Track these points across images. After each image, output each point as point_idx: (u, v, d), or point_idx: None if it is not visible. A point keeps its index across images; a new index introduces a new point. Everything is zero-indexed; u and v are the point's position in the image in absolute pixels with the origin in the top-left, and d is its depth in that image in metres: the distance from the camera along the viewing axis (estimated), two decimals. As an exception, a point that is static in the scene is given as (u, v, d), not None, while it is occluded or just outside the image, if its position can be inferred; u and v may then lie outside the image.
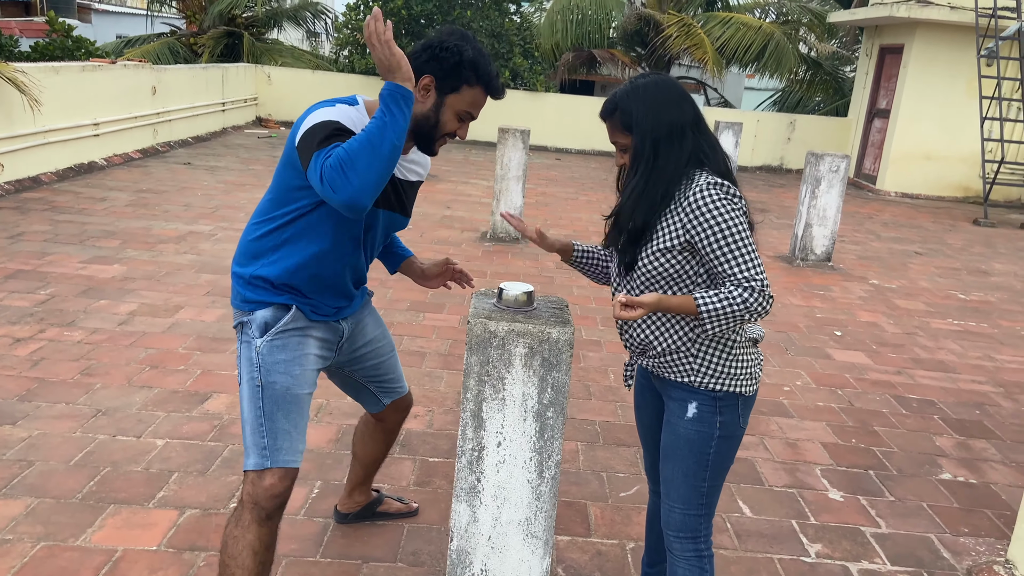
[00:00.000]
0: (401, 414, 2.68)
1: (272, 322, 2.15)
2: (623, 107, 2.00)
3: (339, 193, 1.86)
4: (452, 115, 2.12)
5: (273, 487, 2.11)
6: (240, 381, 2.17)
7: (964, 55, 12.29)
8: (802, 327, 5.71)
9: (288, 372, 2.15)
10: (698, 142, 1.99)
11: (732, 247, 1.88)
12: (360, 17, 14.97)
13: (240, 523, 2.12)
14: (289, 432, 2.14)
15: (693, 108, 2.01)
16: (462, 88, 2.08)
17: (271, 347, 2.13)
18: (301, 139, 1.99)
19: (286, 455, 2.13)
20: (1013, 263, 8.62)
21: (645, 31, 16.18)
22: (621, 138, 2.03)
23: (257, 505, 2.11)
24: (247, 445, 2.13)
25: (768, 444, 3.84)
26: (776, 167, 15.04)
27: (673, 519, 2.12)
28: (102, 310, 4.82)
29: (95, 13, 24.58)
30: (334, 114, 2.01)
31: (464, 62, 2.05)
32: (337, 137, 1.95)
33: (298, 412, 2.16)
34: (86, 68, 9.31)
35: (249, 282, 2.16)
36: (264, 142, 12.76)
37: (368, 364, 2.49)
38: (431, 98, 2.10)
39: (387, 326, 2.61)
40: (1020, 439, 4.15)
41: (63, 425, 3.43)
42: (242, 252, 2.19)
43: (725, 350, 2.01)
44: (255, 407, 2.12)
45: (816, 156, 7.46)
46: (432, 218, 8.21)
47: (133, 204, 7.67)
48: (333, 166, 1.86)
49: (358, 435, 2.77)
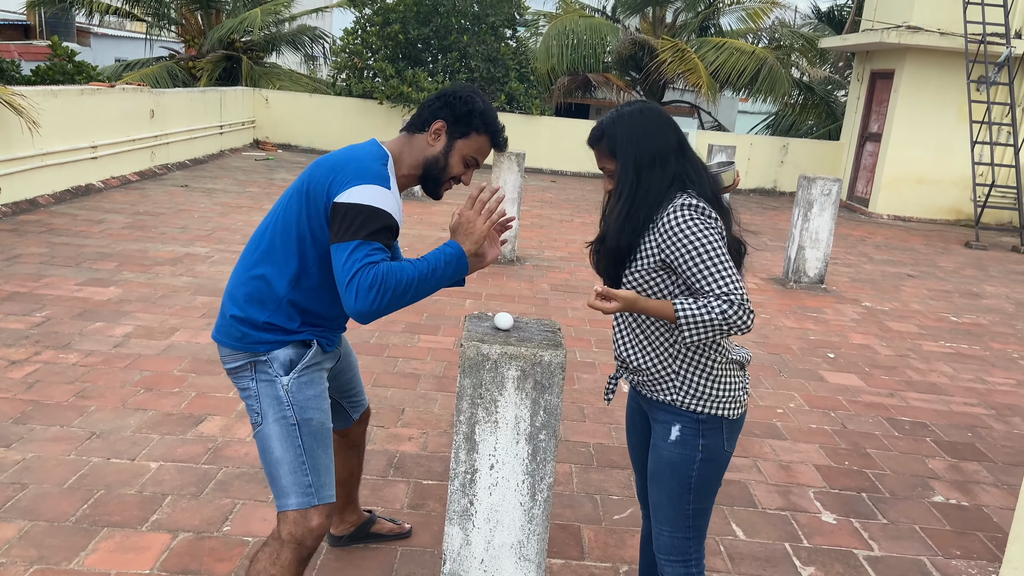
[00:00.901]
0: (363, 425, 2.75)
1: (296, 359, 2.15)
2: (609, 134, 2.06)
3: (359, 305, 1.94)
4: (459, 159, 2.23)
5: (321, 526, 2.12)
6: (260, 421, 2.14)
7: (954, 80, 12.45)
8: (795, 349, 5.74)
9: (320, 407, 2.18)
10: (682, 167, 2.04)
11: (707, 263, 1.91)
12: (357, 41, 15.11)
13: (278, 562, 2.11)
14: (328, 467, 2.17)
15: (677, 134, 2.06)
16: (471, 134, 2.21)
17: (299, 384, 2.14)
18: (345, 210, 1.99)
19: (328, 490, 2.15)
20: (1005, 286, 8.69)
21: (639, 56, 16.37)
22: (608, 164, 2.09)
23: (302, 545, 2.11)
24: (283, 485, 2.11)
25: (761, 466, 3.86)
26: (769, 190, 15.16)
27: (662, 542, 2.14)
28: (97, 332, 4.83)
29: (94, 37, 24.75)
30: (388, 202, 2.04)
31: (475, 111, 2.19)
32: (385, 236, 2.01)
33: (331, 446, 2.21)
34: (84, 91, 9.38)
35: (263, 326, 2.13)
36: (261, 164, 12.83)
37: (343, 379, 2.54)
38: (441, 142, 2.21)
39: (382, 348, 2.65)
40: (1012, 461, 4.17)
41: (57, 448, 3.43)
42: (246, 296, 2.15)
43: (707, 372, 2.04)
44: (293, 446, 2.11)
45: (808, 179, 7.53)
46: (428, 240, 8.25)
47: (130, 226, 7.70)
48: (370, 284, 1.93)
49: None
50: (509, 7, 15.60)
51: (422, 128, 2.21)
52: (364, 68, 15.24)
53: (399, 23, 14.89)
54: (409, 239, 8.19)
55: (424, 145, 2.21)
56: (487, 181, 12.92)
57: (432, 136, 2.20)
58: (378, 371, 4.58)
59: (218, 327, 2.20)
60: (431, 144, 2.21)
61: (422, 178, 2.24)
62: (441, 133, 2.20)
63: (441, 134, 2.20)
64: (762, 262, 8.58)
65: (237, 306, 2.16)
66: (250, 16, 15.32)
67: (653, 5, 17.07)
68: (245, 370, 2.16)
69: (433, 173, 2.23)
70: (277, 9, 16.39)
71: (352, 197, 2.00)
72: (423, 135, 2.21)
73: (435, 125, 2.19)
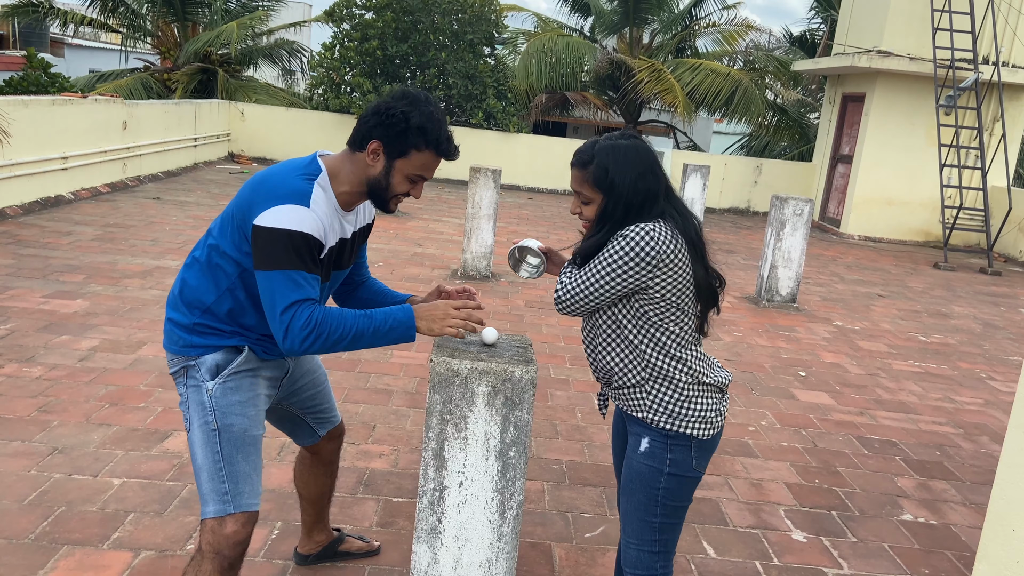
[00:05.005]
0: (336, 442, 2.67)
1: (224, 364, 2.12)
2: (600, 161, 2.03)
3: (288, 343, 1.95)
4: (402, 178, 2.10)
5: (236, 534, 2.07)
6: (189, 427, 2.12)
7: (923, 104, 12.70)
8: (767, 367, 5.77)
9: (244, 414, 2.12)
10: (667, 210, 2.04)
11: (592, 267, 2.01)
12: (335, 56, 15.11)
13: (200, 574, 2.07)
14: (249, 475, 2.11)
15: (664, 176, 2.07)
16: (410, 153, 2.06)
17: (224, 389, 2.10)
18: (262, 235, 1.94)
19: (248, 499, 2.10)
20: (972, 306, 8.82)
21: (617, 75, 16.52)
22: (587, 191, 2.07)
23: (219, 554, 2.06)
24: (204, 492, 2.08)
25: (732, 484, 3.86)
26: (743, 209, 15.32)
27: (629, 555, 2.14)
28: (63, 346, 4.74)
29: (68, 47, 24.50)
30: (304, 221, 1.96)
31: (410, 128, 2.03)
32: (306, 258, 1.96)
33: (256, 454, 2.14)
34: (56, 102, 9.26)
35: (193, 329, 2.12)
36: (236, 178, 12.73)
37: (305, 395, 2.47)
38: (380, 162, 2.08)
39: (354, 363, 2.61)
40: (979, 480, 4.21)
41: (18, 463, 3.35)
42: (182, 300, 2.14)
43: (676, 391, 2.05)
44: (212, 452, 2.08)
45: (781, 199, 7.62)
46: (403, 255, 8.22)
47: (99, 239, 7.59)
48: (303, 324, 1.93)
49: (298, 474, 2.73)
50: (488, 25, 15.70)
51: (360, 146, 2.08)
52: (341, 83, 15.22)
53: (377, 39, 14.92)
54: (384, 254, 8.15)
55: (364, 164, 2.08)
56: (464, 197, 12.93)
57: (370, 156, 2.07)
58: (350, 387, 4.54)
59: (164, 332, 2.20)
60: (370, 164, 2.08)
61: (368, 195, 2.14)
62: (379, 153, 2.06)
63: (379, 154, 2.07)
64: (736, 281, 8.64)
65: (173, 309, 2.16)
66: (227, 29, 15.26)
67: (630, 26, 17.27)
68: (180, 375, 2.15)
69: (376, 192, 2.12)
70: (254, 23, 16.34)
71: (266, 220, 1.95)
72: (363, 153, 2.08)
73: (371, 146, 2.06)
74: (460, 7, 15.22)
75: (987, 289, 10.02)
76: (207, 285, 2.11)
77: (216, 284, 2.10)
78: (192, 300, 2.12)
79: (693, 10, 18.12)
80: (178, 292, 2.16)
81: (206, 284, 2.11)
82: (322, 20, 16.18)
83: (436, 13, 15.13)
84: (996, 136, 12.71)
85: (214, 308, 2.11)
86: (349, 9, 15.37)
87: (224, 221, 2.10)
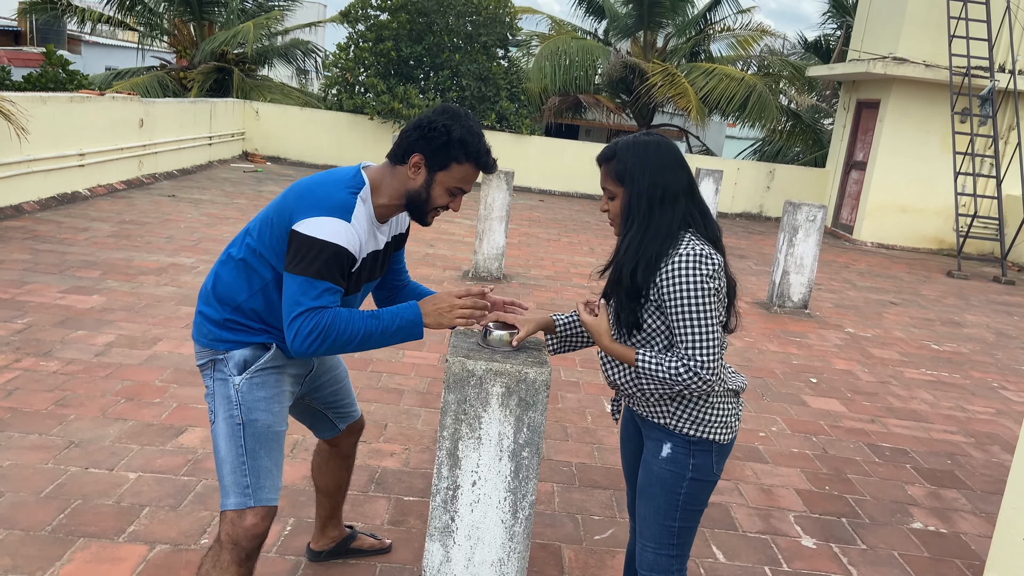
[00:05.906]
0: (354, 437, 2.72)
1: (251, 360, 2.16)
2: (620, 156, 2.06)
3: (295, 346, 1.99)
4: (443, 191, 2.15)
5: (255, 526, 2.11)
6: (214, 419, 2.16)
7: (938, 111, 12.64)
8: (778, 373, 5.77)
9: (269, 410, 2.16)
10: (690, 209, 2.06)
11: (692, 323, 1.95)
12: (349, 56, 15.18)
13: (218, 564, 2.11)
14: (270, 470, 2.15)
15: (688, 175, 2.07)
16: (451, 165, 2.12)
17: (251, 384, 2.15)
18: (299, 241, 2.00)
19: (268, 493, 2.14)
20: (985, 315, 8.78)
21: (630, 79, 16.52)
22: (610, 185, 2.10)
23: (237, 545, 2.10)
24: (225, 484, 2.12)
25: (743, 489, 3.87)
26: (755, 214, 15.28)
27: (646, 558, 2.16)
28: (79, 341, 4.79)
29: (85, 45, 24.71)
30: (342, 235, 2.01)
31: (452, 141, 2.09)
32: (335, 271, 2.01)
33: (278, 450, 2.19)
34: (74, 99, 9.35)
35: (223, 324, 2.17)
36: (250, 176, 12.81)
37: (327, 391, 2.53)
38: (421, 175, 2.13)
39: (366, 363, 2.64)
40: (990, 489, 4.20)
41: (35, 456, 3.39)
42: (214, 294, 2.19)
43: (703, 399, 2.06)
44: (236, 445, 2.12)
45: (794, 205, 7.61)
46: (414, 256, 8.26)
47: (115, 235, 7.66)
48: (310, 330, 1.97)
49: (315, 466, 2.77)
50: (502, 28, 15.74)
51: (402, 160, 2.14)
52: (355, 83, 15.29)
53: (392, 40, 14.98)
54: (396, 254, 8.18)
55: (405, 178, 2.14)
56: (476, 198, 12.97)
57: (412, 170, 2.12)
58: (362, 386, 4.57)
59: (194, 324, 2.25)
60: (412, 177, 2.13)
61: (407, 207, 2.19)
62: (420, 167, 2.12)
63: (420, 167, 2.12)
64: (747, 286, 8.63)
65: (204, 303, 2.21)
66: (243, 29, 15.35)
67: (644, 29, 17.27)
68: (207, 368, 2.20)
69: (416, 205, 2.17)
70: (270, 23, 16.43)
71: (306, 228, 2.01)
72: (404, 167, 2.14)
73: (413, 159, 2.11)
74: (474, 9, 15.26)
75: (1000, 298, 9.97)
76: (240, 283, 2.15)
77: (249, 283, 2.15)
78: (224, 296, 2.17)
79: (707, 14, 18.10)
80: (211, 287, 2.20)
81: (239, 282, 2.15)
82: (337, 20, 16.25)
83: (451, 15, 15.18)
84: (1012, 144, 12.64)
85: (244, 306, 2.15)
86: (364, 10, 15.44)
87: (263, 224, 2.14)
